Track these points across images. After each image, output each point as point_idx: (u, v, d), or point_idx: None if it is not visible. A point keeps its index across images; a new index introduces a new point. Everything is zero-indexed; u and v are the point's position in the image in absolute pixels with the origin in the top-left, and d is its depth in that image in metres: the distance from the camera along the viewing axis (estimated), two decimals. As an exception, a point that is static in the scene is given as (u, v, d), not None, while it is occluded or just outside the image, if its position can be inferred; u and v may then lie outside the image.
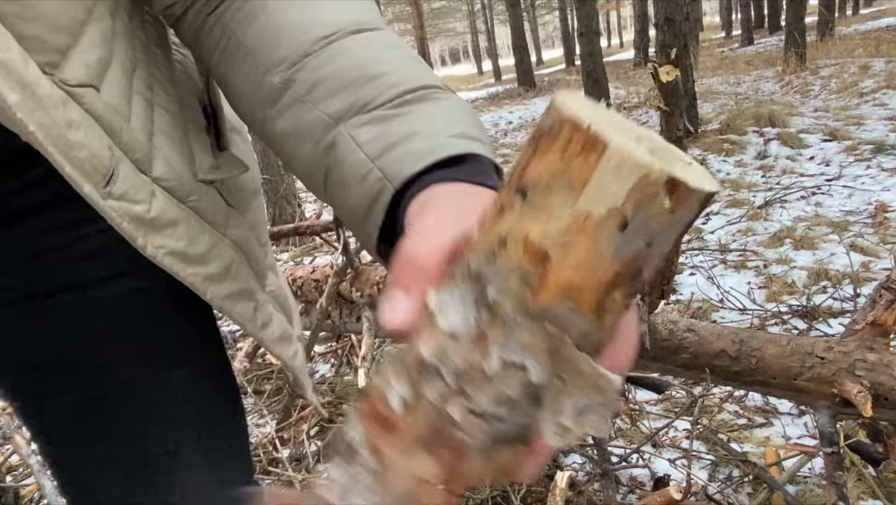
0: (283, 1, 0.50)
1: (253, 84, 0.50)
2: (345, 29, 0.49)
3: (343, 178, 0.45)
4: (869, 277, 3.02)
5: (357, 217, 0.45)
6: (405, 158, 0.42)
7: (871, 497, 1.62)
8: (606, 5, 37.54)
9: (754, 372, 1.40)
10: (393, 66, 0.48)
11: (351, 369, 2.54)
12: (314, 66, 0.47)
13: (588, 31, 10.40)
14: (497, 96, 17.59)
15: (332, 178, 0.46)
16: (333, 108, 0.46)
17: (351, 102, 0.46)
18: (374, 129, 0.44)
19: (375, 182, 0.43)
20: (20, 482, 2.03)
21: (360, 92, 0.46)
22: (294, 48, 0.48)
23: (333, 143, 0.46)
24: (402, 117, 0.45)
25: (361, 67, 0.47)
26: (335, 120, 0.46)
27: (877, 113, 6.57)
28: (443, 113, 0.46)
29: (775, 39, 17.22)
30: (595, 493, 1.74)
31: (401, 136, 0.43)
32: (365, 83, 0.46)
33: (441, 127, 0.44)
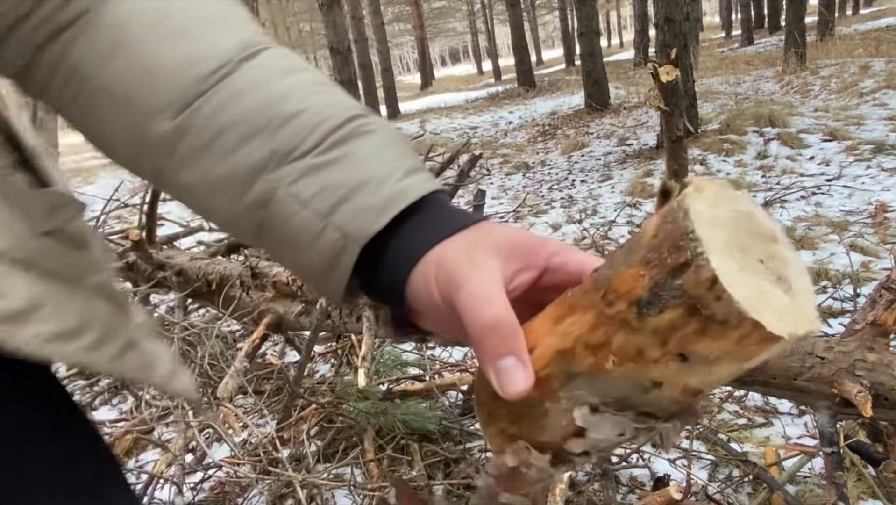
0: (146, 32, 0.44)
1: (131, 133, 0.44)
2: (233, 58, 0.44)
3: (289, 238, 0.43)
4: (869, 277, 3.02)
5: (314, 272, 0.43)
6: (364, 214, 0.41)
7: (871, 497, 1.62)
8: (606, 5, 37.53)
9: (754, 372, 1.40)
10: (305, 99, 0.44)
11: (351, 369, 2.54)
12: (212, 111, 0.43)
13: (588, 31, 10.40)
14: (497, 96, 17.59)
15: (272, 236, 0.44)
16: (251, 159, 0.43)
17: (271, 150, 0.42)
18: (313, 182, 0.42)
19: (334, 241, 0.41)
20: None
21: (278, 137, 0.43)
22: (178, 90, 0.43)
23: (267, 200, 0.42)
24: (339, 163, 0.42)
25: (270, 107, 0.43)
26: (255, 172, 0.43)
27: (877, 113, 6.57)
28: (380, 149, 0.44)
29: (775, 39, 17.22)
30: (595, 493, 1.74)
31: (349, 188, 0.42)
32: (280, 126, 0.43)
33: (386, 168, 0.43)
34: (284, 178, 0.42)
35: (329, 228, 0.42)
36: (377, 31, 19.49)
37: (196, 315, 3.30)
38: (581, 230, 4.62)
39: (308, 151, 0.42)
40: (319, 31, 30.62)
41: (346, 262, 0.42)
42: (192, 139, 0.43)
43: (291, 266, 0.46)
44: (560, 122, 10.52)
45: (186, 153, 0.44)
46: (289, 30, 35.41)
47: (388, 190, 0.42)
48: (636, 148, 7.33)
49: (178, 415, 2.11)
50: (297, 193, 0.42)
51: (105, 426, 2.58)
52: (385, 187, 0.42)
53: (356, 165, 0.43)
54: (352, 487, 1.78)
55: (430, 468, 1.92)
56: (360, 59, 13.72)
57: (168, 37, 0.44)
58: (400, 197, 0.42)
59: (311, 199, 0.42)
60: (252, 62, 0.45)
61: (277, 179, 0.42)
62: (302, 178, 0.42)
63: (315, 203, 0.42)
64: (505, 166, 7.83)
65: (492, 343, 0.35)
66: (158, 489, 1.92)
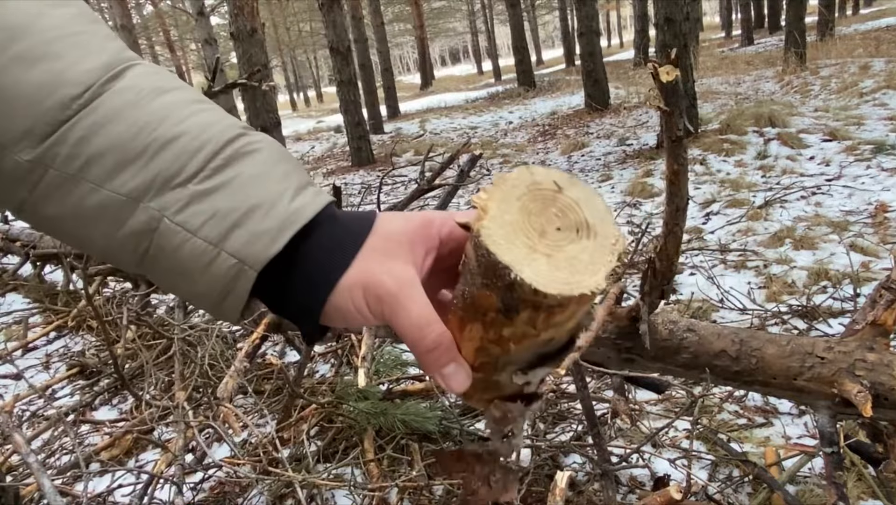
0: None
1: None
2: (98, 80, 0.42)
3: (179, 267, 0.42)
4: (869, 277, 3.02)
5: (210, 299, 0.43)
6: (258, 238, 0.41)
7: (871, 497, 1.62)
8: (606, 5, 37.53)
9: (754, 372, 1.40)
10: (182, 122, 0.42)
11: (351, 369, 2.54)
12: (80, 138, 0.40)
13: (588, 31, 10.40)
14: (497, 96, 17.59)
15: (159, 265, 0.42)
16: (128, 187, 0.41)
17: (151, 178, 0.41)
18: (201, 209, 0.41)
19: (229, 268, 0.41)
20: (20, 482, 2.03)
21: (157, 163, 0.41)
22: (40, 117, 0.40)
23: (152, 229, 0.41)
24: (226, 188, 0.41)
25: (145, 132, 0.41)
26: (133, 199, 0.41)
27: (877, 113, 6.57)
28: (266, 169, 0.43)
29: (775, 39, 17.22)
30: (595, 493, 1.74)
31: (240, 213, 0.41)
32: (158, 152, 0.41)
33: (276, 189, 0.42)
34: (170, 207, 0.41)
35: (222, 257, 0.41)
36: (377, 31, 19.48)
37: (196, 315, 3.30)
38: (581, 230, 4.61)
39: (192, 177, 0.41)
40: (319, 31, 30.61)
41: (242, 287, 0.41)
42: (58, 170, 0.41)
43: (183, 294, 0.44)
44: (560, 122, 10.52)
45: (52, 185, 0.41)
46: (289, 30, 35.40)
47: (281, 212, 0.41)
48: (636, 148, 7.33)
49: (178, 415, 2.11)
50: (185, 222, 0.41)
51: (105, 426, 2.58)
52: (278, 209, 0.41)
53: (245, 189, 0.42)
54: (352, 487, 1.78)
55: (430, 468, 1.92)
56: (360, 59, 13.71)
57: (21, 59, 0.40)
58: (294, 218, 0.42)
59: (201, 227, 0.41)
60: (119, 83, 0.43)
61: (161, 208, 0.41)
62: (189, 205, 0.41)
63: (205, 231, 0.41)
64: (505, 166, 7.83)
65: (435, 358, 0.41)
66: (158, 489, 1.92)
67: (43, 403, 2.76)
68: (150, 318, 3.12)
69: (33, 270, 4.29)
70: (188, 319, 2.93)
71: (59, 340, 3.60)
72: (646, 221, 4.24)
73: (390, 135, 13.21)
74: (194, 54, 34.32)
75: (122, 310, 2.77)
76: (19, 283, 4.28)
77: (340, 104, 10.46)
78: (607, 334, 1.57)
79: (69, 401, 2.84)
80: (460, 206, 5.34)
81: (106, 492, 2.01)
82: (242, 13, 7.01)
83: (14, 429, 1.73)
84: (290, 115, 27.60)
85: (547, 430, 2.09)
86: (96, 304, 2.81)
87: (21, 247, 4.26)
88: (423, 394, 2.24)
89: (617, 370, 1.70)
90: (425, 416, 2.00)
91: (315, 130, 16.10)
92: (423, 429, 1.99)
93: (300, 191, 0.43)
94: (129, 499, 1.97)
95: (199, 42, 13.68)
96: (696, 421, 1.65)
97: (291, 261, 0.42)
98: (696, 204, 4.76)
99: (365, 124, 10.68)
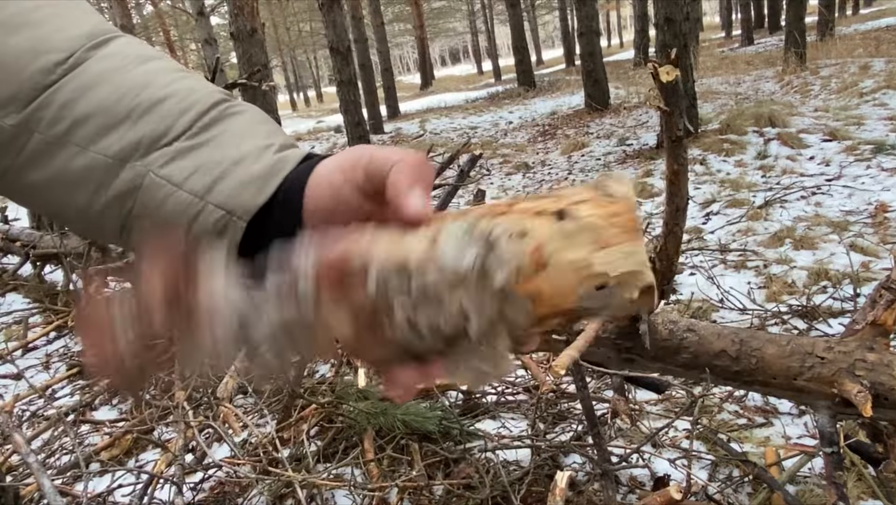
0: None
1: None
2: (82, 47, 0.42)
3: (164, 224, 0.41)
4: (869, 277, 3.02)
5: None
6: (244, 189, 0.40)
7: (871, 497, 1.62)
8: (606, 5, 37.52)
9: (754, 372, 1.40)
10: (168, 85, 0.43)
11: (351, 369, 2.54)
12: (65, 102, 0.41)
13: (588, 31, 10.40)
14: (497, 96, 17.59)
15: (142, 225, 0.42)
16: (114, 149, 0.41)
17: (137, 138, 0.41)
18: (186, 163, 0.41)
19: (216, 221, 0.40)
20: (20, 482, 2.03)
21: (145, 124, 0.41)
22: (25, 82, 0.40)
23: (135, 187, 0.41)
24: (212, 143, 0.41)
25: (130, 96, 0.41)
26: (120, 160, 0.41)
27: (877, 113, 6.57)
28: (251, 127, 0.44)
29: (775, 39, 17.22)
30: (595, 493, 1.74)
31: (226, 165, 0.41)
32: (145, 113, 0.41)
33: (262, 143, 0.42)
34: (155, 163, 0.41)
35: (209, 209, 0.40)
36: (377, 31, 19.47)
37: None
38: (581, 230, 4.61)
39: (178, 136, 0.41)
40: (319, 31, 30.60)
41: (232, 238, 0.41)
42: (43, 133, 0.41)
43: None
44: (560, 122, 10.52)
45: (37, 149, 0.41)
46: (289, 30, 35.39)
47: (267, 162, 0.41)
48: (636, 148, 7.33)
49: (178, 415, 2.11)
50: (170, 175, 0.40)
51: (105, 426, 2.58)
52: (264, 159, 0.41)
53: (230, 144, 0.42)
54: (352, 487, 1.77)
55: (430, 468, 1.92)
56: (360, 59, 13.70)
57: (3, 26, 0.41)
58: (280, 166, 0.41)
59: (186, 180, 0.40)
60: (103, 50, 0.43)
61: (146, 165, 0.41)
62: (173, 160, 0.41)
63: (191, 183, 0.40)
64: (505, 166, 7.83)
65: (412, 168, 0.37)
66: (158, 489, 1.92)
67: (43, 403, 2.76)
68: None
69: (33, 270, 4.30)
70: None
71: (59, 340, 3.60)
72: (646, 221, 4.24)
73: (390, 135, 13.21)
74: (194, 54, 34.32)
75: (122, 310, 2.76)
76: (19, 283, 4.28)
77: (340, 104, 10.46)
78: (607, 334, 1.57)
79: (69, 401, 2.84)
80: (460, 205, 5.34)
81: (106, 492, 2.01)
82: (242, 13, 7.01)
83: (14, 429, 1.73)
84: (290, 115, 27.60)
85: (547, 430, 2.09)
86: (96, 304, 2.81)
87: (21, 247, 4.26)
88: (423, 394, 2.24)
89: (617, 370, 1.70)
90: (425, 416, 2.00)
91: (315, 130, 16.09)
92: (423, 429, 1.99)
93: (285, 147, 0.43)
94: (129, 499, 1.97)
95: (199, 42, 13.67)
96: (696, 421, 1.65)
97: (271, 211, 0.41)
98: (696, 204, 4.76)
99: (365, 124, 10.69)
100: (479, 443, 1.99)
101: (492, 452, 1.91)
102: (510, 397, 2.32)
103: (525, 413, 2.23)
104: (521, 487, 1.72)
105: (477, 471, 1.83)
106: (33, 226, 4.69)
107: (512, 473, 1.81)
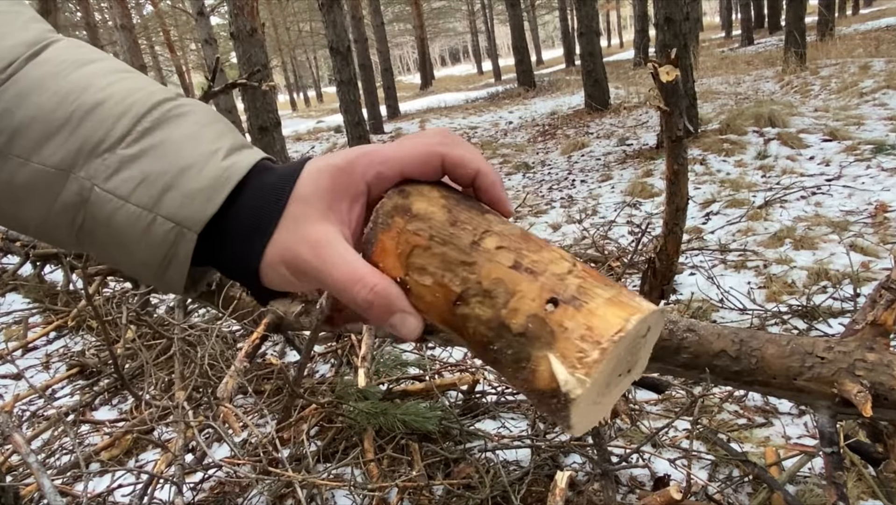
0: None
1: None
2: (20, 56, 0.41)
3: (115, 237, 0.40)
4: (869, 277, 3.02)
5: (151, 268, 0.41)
6: (192, 200, 0.39)
7: (871, 497, 1.62)
8: (606, 5, 37.52)
9: (754, 372, 1.40)
10: (106, 88, 0.41)
11: (351, 369, 2.54)
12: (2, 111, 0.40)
13: (588, 31, 10.40)
14: (497, 96, 17.59)
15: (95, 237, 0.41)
16: (55, 158, 0.39)
17: (77, 146, 0.39)
18: (131, 174, 0.39)
19: (166, 232, 0.39)
20: (20, 482, 2.03)
21: (82, 130, 0.40)
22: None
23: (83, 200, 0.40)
24: (155, 151, 0.40)
25: (68, 101, 0.40)
26: (62, 171, 0.39)
27: (877, 113, 6.57)
28: (196, 131, 0.42)
29: (775, 39, 17.22)
30: (595, 493, 1.74)
31: (171, 175, 0.39)
32: (83, 119, 0.40)
33: (207, 149, 0.41)
34: (99, 174, 0.39)
35: (158, 221, 0.39)
36: (377, 31, 19.47)
37: (196, 315, 3.29)
38: (581, 230, 4.62)
39: (118, 142, 0.40)
40: (319, 31, 30.60)
41: (184, 252, 0.40)
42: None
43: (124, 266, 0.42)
44: (560, 122, 10.52)
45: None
46: (289, 30, 35.38)
47: (213, 170, 0.40)
48: (636, 148, 7.33)
49: (178, 415, 2.11)
50: (116, 188, 0.39)
51: (105, 426, 2.58)
52: (210, 168, 0.40)
53: (175, 151, 0.40)
54: (352, 487, 1.77)
55: (430, 468, 1.92)
56: (360, 59, 13.70)
57: None
58: (227, 175, 0.40)
59: (133, 192, 0.39)
60: (40, 57, 0.42)
61: (90, 177, 0.39)
62: (118, 172, 0.39)
63: (137, 196, 0.39)
64: (505, 166, 7.83)
65: (376, 314, 0.38)
66: (158, 489, 1.92)
67: (43, 403, 2.76)
68: (149, 317, 3.12)
69: (33, 270, 4.29)
70: (188, 318, 2.93)
71: (59, 340, 3.61)
72: (646, 221, 4.24)
73: (390, 135, 13.21)
74: (194, 54, 34.30)
75: (122, 310, 2.77)
76: (19, 283, 4.28)
77: (340, 104, 10.46)
78: (607, 334, 1.57)
79: (69, 401, 2.84)
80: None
81: (106, 492, 2.01)
82: (242, 13, 7.00)
83: (14, 429, 1.73)
84: (290, 115, 27.60)
85: (547, 430, 2.09)
86: (96, 304, 2.81)
87: (21, 247, 4.26)
88: (423, 394, 2.24)
89: (617, 370, 1.70)
90: (425, 416, 2.00)
91: (315, 130, 16.10)
92: (423, 429, 1.99)
93: (234, 151, 0.42)
94: (129, 499, 1.97)
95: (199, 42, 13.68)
96: (696, 421, 1.65)
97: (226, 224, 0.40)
98: (696, 204, 4.76)
99: (365, 124, 10.68)
100: (479, 443, 1.99)
101: (492, 452, 1.91)
102: (510, 397, 2.32)
103: (525, 413, 2.23)
104: (521, 487, 1.72)
105: (477, 471, 1.83)
106: (33, 226, 4.68)
107: (512, 473, 1.81)
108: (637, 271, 3.45)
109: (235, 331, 3.01)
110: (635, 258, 3.54)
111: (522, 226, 4.85)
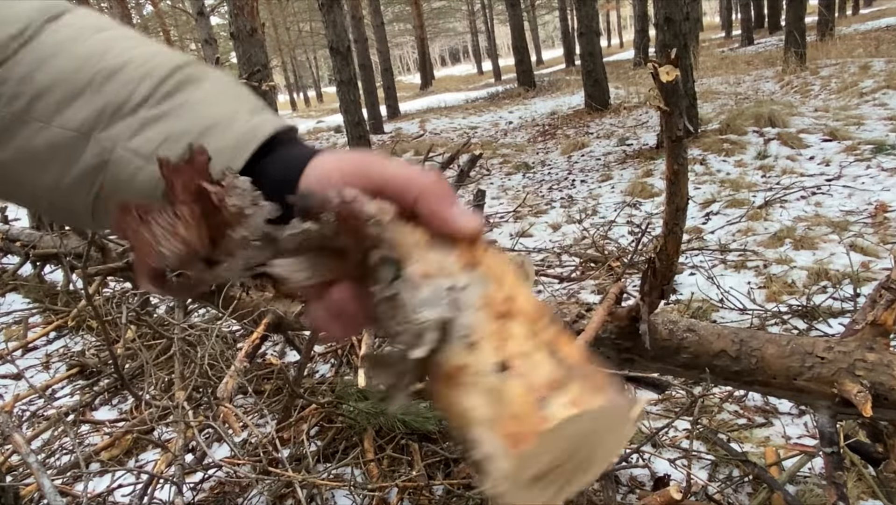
0: None
1: None
2: (36, 20, 0.41)
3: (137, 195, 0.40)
4: (869, 277, 3.02)
5: None
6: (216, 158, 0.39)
7: (871, 497, 1.62)
8: (606, 5, 37.52)
9: (754, 372, 1.40)
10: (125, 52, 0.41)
11: (351, 369, 2.54)
12: (22, 76, 0.39)
13: (588, 31, 10.40)
14: (497, 96, 17.59)
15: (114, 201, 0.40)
16: (76, 121, 0.39)
17: (99, 108, 0.39)
18: (154, 134, 0.39)
19: None
20: (20, 482, 2.03)
21: (104, 93, 0.39)
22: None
23: (104, 161, 0.39)
24: (177, 112, 0.40)
25: (89, 64, 0.40)
26: (83, 133, 0.39)
27: (877, 113, 6.57)
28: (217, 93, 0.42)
29: (775, 39, 17.21)
30: (595, 493, 1.74)
31: (195, 134, 0.39)
32: (104, 81, 0.40)
33: (230, 109, 0.41)
34: (120, 135, 0.39)
35: None
36: (377, 31, 19.46)
37: (196, 315, 3.29)
38: (581, 230, 4.62)
39: (140, 104, 0.40)
40: (319, 31, 30.60)
41: None
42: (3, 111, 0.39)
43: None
44: (560, 122, 10.52)
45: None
46: (289, 30, 35.39)
47: (239, 128, 0.40)
48: (636, 148, 7.33)
49: (178, 415, 2.11)
50: (139, 148, 0.39)
51: (105, 426, 2.58)
52: (235, 127, 0.40)
53: (196, 112, 0.40)
54: (352, 487, 1.77)
55: (430, 468, 1.92)
56: (360, 59, 13.69)
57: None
58: (253, 134, 0.40)
59: (156, 152, 0.39)
60: (58, 22, 0.42)
61: (112, 138, 0.39)
62: (140, 132, 0.39)
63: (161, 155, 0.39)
64: (505, 166, 7.83)
65: (444, 190, 0.37)
66: (158, 489, 1.92)
67: (43, 403, 2.76)
68: (149, 317, 3.12)
69: (33, 270, 4.29)
70: (188, 318, 2.93)
71: (59, 340, 3.60)
72: (646, 221, 4.24)
73: (390, 135, 13.21)
74: (194, 54, 34.29)
75: (122, 310, 2.77)
76: (19, 283, 4.28)
77: (340, 104, 10.45)
78: (607, 334, 1.57)
79: (69, 401, 2.84)
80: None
81: (106, 492, 2.01)
82: (242, 13, 7.00)
83: (14, 429, 1.73)
84: (290, 115, 27.60)
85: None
86: (96, 304, 2.81)
87: (21, 247, 4.26)
88: (423, 394, 2.24)
89: (617, 370, 1.70)
90: (425, 416, 2.00)
91: (315, 130, 16.09)
92: (423, 429, 1.99)
93: (256, 112, 0.42)
94: (129, 499, 1.97)
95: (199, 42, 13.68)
96: (696, 421, 1.65)
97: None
98: (696, 204, 4.76)
99: (365, 124, 10.68)
100: (479, 443, 1.98)
101: (492, 452, 1.91)
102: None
103: (525, 413, 2.23)
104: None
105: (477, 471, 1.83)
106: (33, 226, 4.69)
107: (512, 473, 1.80)
108: (637, 271, 3.45)
109: (235, 331, 3.01)
110: (635, 258, 3.54)
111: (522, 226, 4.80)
